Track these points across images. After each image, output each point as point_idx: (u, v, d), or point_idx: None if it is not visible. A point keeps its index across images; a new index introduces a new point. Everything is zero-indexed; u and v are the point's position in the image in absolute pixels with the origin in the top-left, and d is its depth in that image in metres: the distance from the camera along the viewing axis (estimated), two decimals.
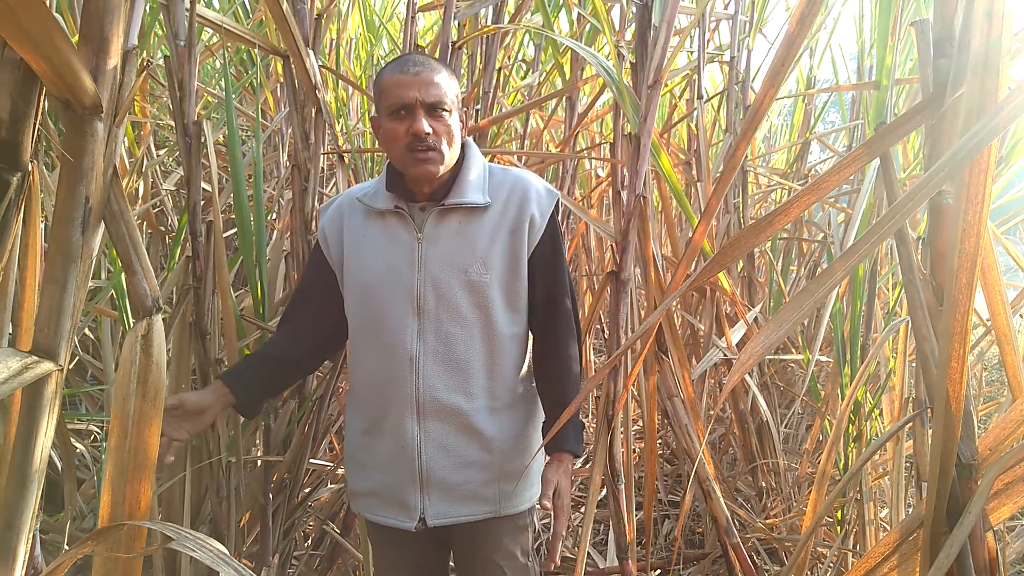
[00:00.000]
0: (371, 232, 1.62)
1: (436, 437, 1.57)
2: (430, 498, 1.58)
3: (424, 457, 1.57)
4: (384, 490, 1.62)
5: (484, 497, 1.60)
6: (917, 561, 1.00)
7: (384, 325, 1.57)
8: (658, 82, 1.82)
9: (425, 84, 1.50)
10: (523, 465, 1.65)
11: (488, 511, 1.61)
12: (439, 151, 1.52)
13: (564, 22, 3.41)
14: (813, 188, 1.04)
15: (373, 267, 1.59)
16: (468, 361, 1.57)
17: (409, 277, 1.56)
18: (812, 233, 4.22)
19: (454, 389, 1.56)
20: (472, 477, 1.59)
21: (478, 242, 1.56)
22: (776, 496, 3.01)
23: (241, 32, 2.16)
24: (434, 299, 1.55)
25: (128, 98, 0.79)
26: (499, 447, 1.61)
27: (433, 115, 1.51)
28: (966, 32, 0.95)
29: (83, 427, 2.86)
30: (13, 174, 0.78)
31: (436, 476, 1.57)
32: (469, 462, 1.59)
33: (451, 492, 1.58)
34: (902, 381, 2.06)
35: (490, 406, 1.60)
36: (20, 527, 0.85)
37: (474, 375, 1.57)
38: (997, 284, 1.15)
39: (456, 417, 1.57)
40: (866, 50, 3.43)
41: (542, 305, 1.64)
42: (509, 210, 1.59)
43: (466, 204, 1.57)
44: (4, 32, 0.67)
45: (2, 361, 0.77)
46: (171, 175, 3.45)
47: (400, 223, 1.59)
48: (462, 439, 1.58)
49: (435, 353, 1.55)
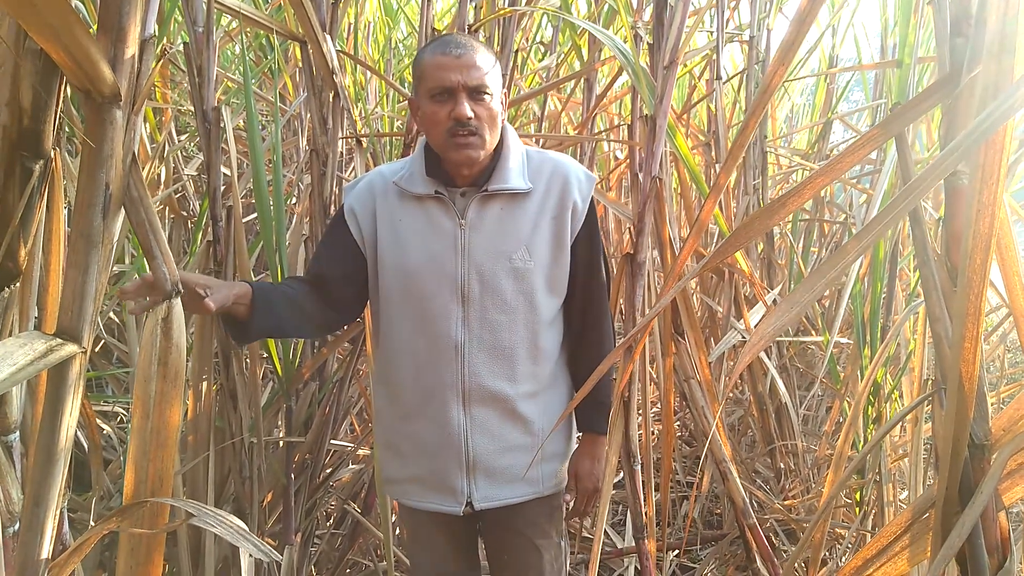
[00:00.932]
0: (409, 217, 1.59)
1: (481, 423, 1.58)
2: (476, 482, 1.60)
3: (471, 443, 1.58)
4: (428, 476, 1.63)
5: (528, 479, 1.62)
6: (929, 540, 1.00)
7: (428, 314, 1.57)
8: (674, 63, 1.81)
9: (468, 67, 1.47)
10: (564, 444, 1.70)
11: (532, 492, 1.64)
12: (481, 136, 1.50)
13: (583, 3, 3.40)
14: (828, 169, 1.04)
15: (414, 254, 1.57)
16: (513, 348, 1.57)
17: (452, 264, 1.55)
18: (833, 214, 4.18)
19: (499, 376, 1.57)
20: (517, 460, 1.61)
21: (522, 228, 1.56)
22: (795, 478, 3.00)
23: (259, 18, 2.18)
24: (479, 286, 1.55)
25: (146, 86, 0.81)
26: (540, 429, 1.63)
27: (475, 99, 1.49)
28: (983, 11, 0.94)
29: (109, 409, 2.92)
30: (36, 162, 0.80)
31: (482, 461, 1.59)
32: (513, 446, 1.61)
33: (497, 475, 1.61)
34: (922, 362, 2.05)
35: (533, 390, 1.62)
36: (48, 503, 0.88)
37: (519, 361, 1.58)
38: (1015, 264, 1.14)
39: (501, 403, 1.58)
40: (889, 28, 3.38)
41: (581, 287, 1.65)
42: (551, 196, 1.59)
43: (508, 190, 1.56)
44: (26, 24, 0.68)
45: (28, 343, 0.79)
46: (192, 160, 3.49)
47: (441, 209, 1.57)
48: (507, 424, 1.60)
49: (480, 340, 1.56)
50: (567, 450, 1.73)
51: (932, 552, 1.00)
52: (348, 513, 2.47)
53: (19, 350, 0.78)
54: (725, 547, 2.70)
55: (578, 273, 1.63)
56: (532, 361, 1.60)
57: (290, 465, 2.23)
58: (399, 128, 3.85)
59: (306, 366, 2.29)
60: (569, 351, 1.71)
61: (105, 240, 0.81)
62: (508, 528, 1.71)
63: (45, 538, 0.88)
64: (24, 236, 0.82)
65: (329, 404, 2.32)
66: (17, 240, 0.81)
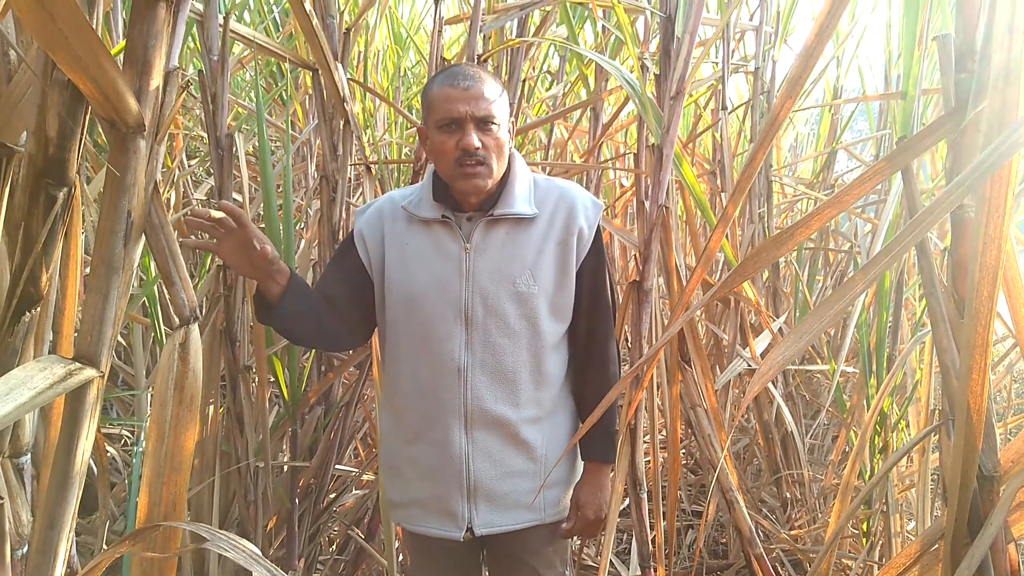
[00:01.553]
0: (416, 241, 1.61)
1: (484, 447, 1.58)
2: (477, 508, 1.59)
3: (472, 467, 1.57)
4: (430, 500, 1.62)
5: (530, 505, 1.61)
6: (939, 572, 1.00)
7: (431, 335, 1.57)
8: (681, 93, 1.83)
9: (475, 98, 1.49)
10: (568, 471, 1.68)
11: (534, 519, 1.63)
12: (488, 165, 1.52)
13: (589, 33, 3.44)
14: (835, 201, 1.05)
15: (420, 278, 1.58)
16: (515, 371, 1.57)
17: (457, 288, 1.56)
18: (839, 243, 4.19)
19: (502, 400, 1.57)
20: (519, 486, 1.60)
21: (527, 253, 1.57)
22: (801, 507, 2.99)
23: (272, 46, 2.22)
24: (482, 310, 1.55)
25: (169, 117, 0.83)
26: (543, 455, 1.62)
27: (483, 129, 1.51)
28: (987, 46, 0.96)
29: (115, 431, 2.93)
30: (60, 189, 0.82)
31: (484, 486, 1.58)
32: (516, 471, 1.60)
33: (498, 501, 1.60)
34: (928, 392, 2.05)
35: (536, 415, 1.61)
36: (62, 526, 0.89)
37: (521, 386, 1.58)
38: (1021, 296, 1.15)
39: (504, 427, 1.58)
40: (893, 60, 3.42)
41: (586, 313, 1.65)
42: (556, 222, 1.60)
43: (513, 215, 1.57)
44: (56, 56, 0.70)
45: (48, 367, 0.80)
46: (202, 185, 3.52)
47: (447, 233, 1.59)
48: (510, 449, 1.59)
49: (483, 364, 1.56)
50: (571, 477, 1.71)
51: None
52: (351, 539, 2.46)
53: (39, 374, 0.79)
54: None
55: (583, 298, 1.63)
56: (535, 386, 1.60)
57: (294, 490, 2.23)
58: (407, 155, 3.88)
59: (312, 390, 2.30)
60: (574, 377, 1.71)
61: (126, 267, 0.83)
62: (511, 556, 1.70)
63: (58, 561, 0.89)
64: (46, 262, 0.83)
65: (335, 429, 2.32)
66: (39, 266, 0.83)
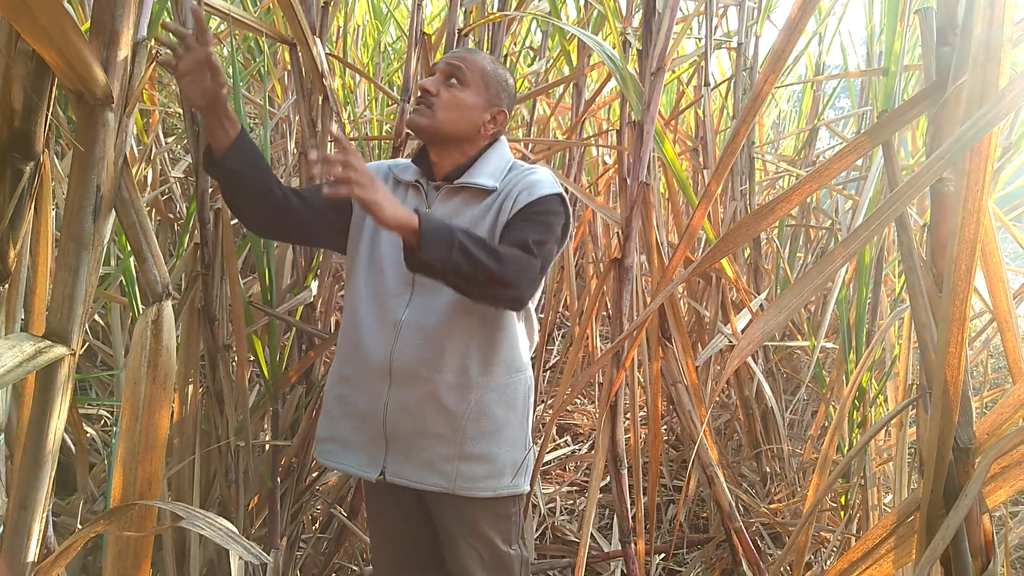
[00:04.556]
0: None
1: (403, 402, 1.61)
2: (390, 456, 1.64)
3: (389, 418, 1.62)
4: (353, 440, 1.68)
5: (441, 471, 1.62)
6: (914, 543, 1.01)
7: (383, 293, 1.63)
8: (661, 69, 1.82)
9: (454, 56, 1.64)
10: (488, 450, 1.64)
11: (443, 486, 1.63)
12: (432, 110, 1.60)
13: (572, 8, 3.41)
14: (815, 176, 1.05)
15: (385, 237, 1.65)
16: (444, 334, 1.59)
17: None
18: (819, 220, 4.22)
19: (425, 360, 1.59)
20: (431, 447, 1.62)
21: (469, 221, 1.60)
22: (780, 481, 3.02)
23: (248, 20, 2.17)
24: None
25: (138, 89, 0.80)
26: (463, 425, 1.62)
27: (446, 81, 1.62)
28: (969, 20, 0.96)
29: (93, 411, 2.90)
30: (26, 163, 0.80)
31: (400, 439, 1.62)
32: (431, 432, 1.62)
33: (410, 456, 1.63)
34: (906, 367, 2.07)
35: (459, 382, 1.61)
36: (35, 507, 0.88)
37: (446, 348, 1.59)
38: (999, 270, 1.15)
39: (423, 385, 1.60)
40: (875, 36, 3.41)
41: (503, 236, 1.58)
42: (505, 195, 1.62)
43: (473, 184, 1.62)
44: (19, 26, 0.68)
45: (17, 345, 0.79)
46: (179, 162, 3.47)
47: (416, 198, 1.67)
48: (428, 408, 1.61)
49: (414, 323, 1.60)
50: (493, 459, 1.65)
51: (917, 555, 1.01)
52: (334, 517, 2.46)
53: (7, 352, 0.77)
54: (711, 551, 2.71)
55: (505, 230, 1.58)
56: (461, 353, 1.60)
57: (276, 469, 2.22)
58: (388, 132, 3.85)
59: (293, 369, 2.28)
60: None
61: (96, 242, 0.81)
62: (446, 527, 1.72)
63: (31, 542, 0.88)
64: (13, 238, 0.81)
65: (316, 408, 2.31)
66: (6, 242, 0.81)
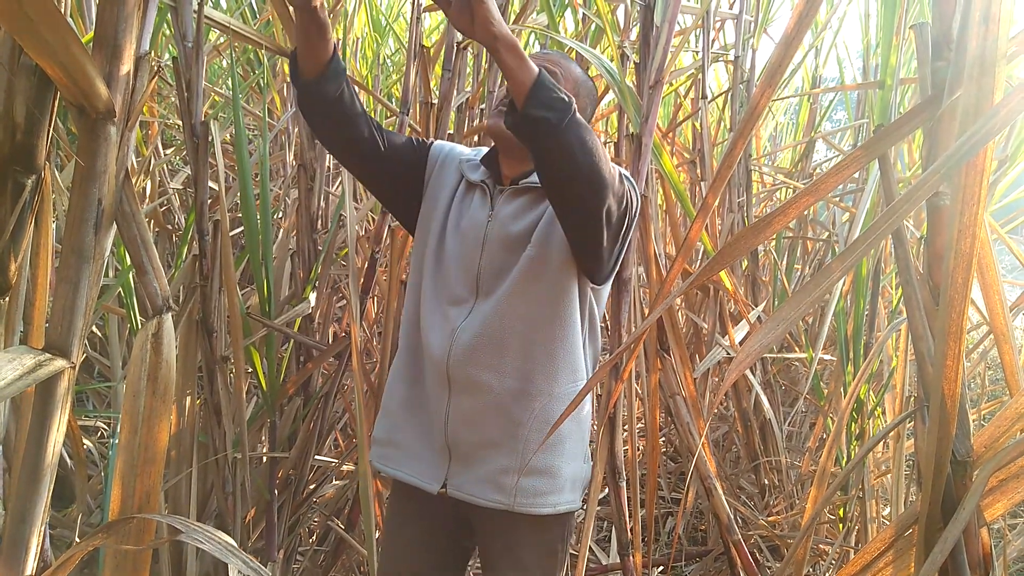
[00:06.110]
0: (458, 198, 1.65)
1: (464, 411, 1.55)
2: (453, 468, 1.57)
3: (450, 428, 1.56)
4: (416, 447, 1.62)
5: (501, 486, 1.54)
6: (912, 556, 1.01)
7: (445, 295, 1.60)
8: (660, 82, 1.83)
9: (552, 62, 1.59)
10: (551, 463, 1.57)
11: (503, 502, 1.54)
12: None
13: (570, 22, 3.42)
14: (812, 189, 1.06)
15: (451, 237, 1.62)
16: (504, 339, 1.54)
17: (475, 254, 1.57)
18: (816, 232, 4.22)
19: (487, 366, 1.54)
20: (492, 458, 1.55)
21: (538, 222, 1.56)
22: (779, 494, 3.02)
23: (248, 33, 2.18)
24: (489, 276, 1.56)
25: (140, 103, 0.81)
26: (526, 435, 1.54)
27: None
28: (964, 35, 0.97)
29: (90, 423, 2.89)
30: (28, 176, 0.80)
31: (460, 448, 1.56)
32: (491, 442, 1.55)
33: (470, 469, 1.56)
34: (904, 379, 2.07)
35: (522, 389, 1.55)
36: (32, 520, 0.87)
37: (508, 354, 1.54)
38: (995, 283, 1.16)
39: (485, 394, 1.54)
40: (872, 49, 3.43)
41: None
42: None
43: (535, 184, 1.56)
44: (22, 40, 0.69)
45: (17, 358, 0.79)
46: (178, 174, 3.48)
47: (481, 200, 1.62)
48: (490, 417, 1.55)
49: (473, 328, 1.54)
50: (556, 472, 1.58)
51: (915, 568, 1.01)
52: (331, 530, 2.46)
53: (7, 365, 0.77)
54: (710, 563, 2.71)
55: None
56: (524, 358, 1.55)
57: (273, 481, 2.22)
58: None
59: (291, 381, 2.28)
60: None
61: (96, 255, 0.81)
62: (485, 540, 1.66)
63: (29, 555, 0.88)
64: (15, 251, 0.81)
65: (313, 420, 2.31)
66: (7, 255, 0.81)
